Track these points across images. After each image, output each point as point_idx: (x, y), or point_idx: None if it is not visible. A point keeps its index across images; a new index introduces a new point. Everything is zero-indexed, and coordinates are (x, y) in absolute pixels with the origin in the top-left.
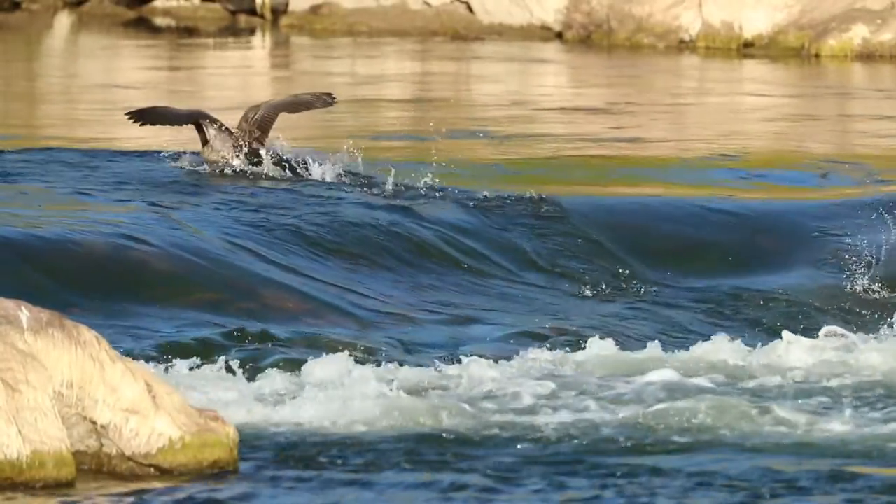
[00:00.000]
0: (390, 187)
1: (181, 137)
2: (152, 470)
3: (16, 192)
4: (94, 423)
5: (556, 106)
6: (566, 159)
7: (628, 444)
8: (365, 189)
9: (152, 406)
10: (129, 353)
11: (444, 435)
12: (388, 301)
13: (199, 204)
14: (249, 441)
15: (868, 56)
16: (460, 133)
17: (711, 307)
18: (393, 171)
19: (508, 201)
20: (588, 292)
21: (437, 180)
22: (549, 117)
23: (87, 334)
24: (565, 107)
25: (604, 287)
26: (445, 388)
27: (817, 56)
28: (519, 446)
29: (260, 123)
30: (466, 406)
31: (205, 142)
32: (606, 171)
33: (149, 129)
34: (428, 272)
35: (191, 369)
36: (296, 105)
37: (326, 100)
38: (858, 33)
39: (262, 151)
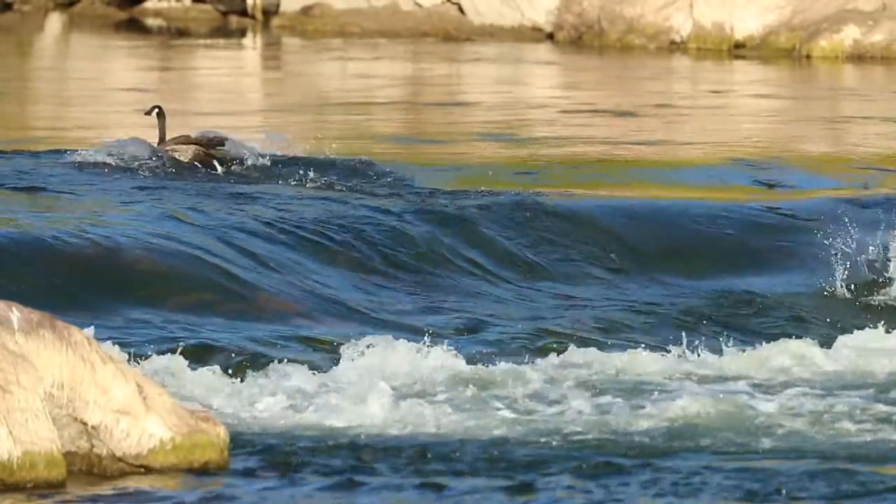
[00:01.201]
0: (383, 189)
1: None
2: (143, 471)
3: (6, 194)
4: (84, 423)
5: (551, 107)
6: (563, 160)
7: (626, 445)
8: (358, 192)
9: (143, 407)
10: (119, 354)
11: (434, 437)
12: (380, 303)
13: (190, 205)
14: (240, 442)
15: (859, 57)
16: (456, 135)
17: (715, 309)
18: (386, 172)
19: (509, 202)
20: (588, 295)
21: (430, 181)
22: (544, 118)
23: (78, 335)
24: (561, 109)
25: (603, 289)
26: (436, 389)
27: (808, 57)
28: (510, 448)
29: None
30: (456, 408)
31: (164, 140)
32: (610, 173)
33: (143, 130)
34: (424, 274)
35: (182, 370)
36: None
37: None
38: (850, 34)
39: (215, 163)
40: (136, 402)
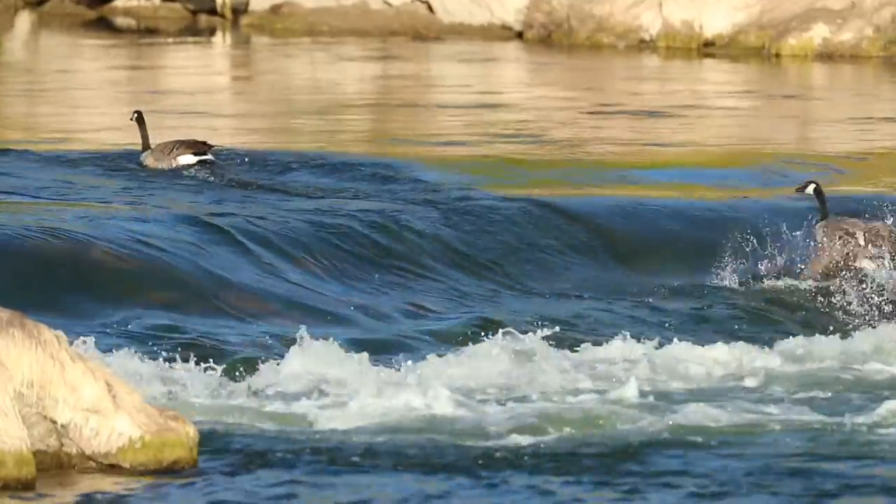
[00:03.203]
0: (360, 188)
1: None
2: (112, 469)
3: None
4: (54, 422)
5: (528, 107)
6: (545, 160)
7: (611, 443)
8: (336, 193)
9: (112, 406)
10: (89, 353)
11: (406, 433)
12: (354, 301)
13: (164, 205)
14: (209, 440)
15: (828, 56)
16: (437, 136)
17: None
18: (366, 170)
19: (499, 203)
20: (572, 292)
21: (412, 182)
22: (522, 119)
23: (48, 334)
24: (539, 108)
25: (587, 289)
26: (411, 385)
27: (777, 55)
28: (489, 444)
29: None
30: (430, 405)
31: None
32: (602, 173)
33: (110, 133)
34: (406, 272)
35: (152, 368)
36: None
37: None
38: (819, 33)
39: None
40: (106, 400)
